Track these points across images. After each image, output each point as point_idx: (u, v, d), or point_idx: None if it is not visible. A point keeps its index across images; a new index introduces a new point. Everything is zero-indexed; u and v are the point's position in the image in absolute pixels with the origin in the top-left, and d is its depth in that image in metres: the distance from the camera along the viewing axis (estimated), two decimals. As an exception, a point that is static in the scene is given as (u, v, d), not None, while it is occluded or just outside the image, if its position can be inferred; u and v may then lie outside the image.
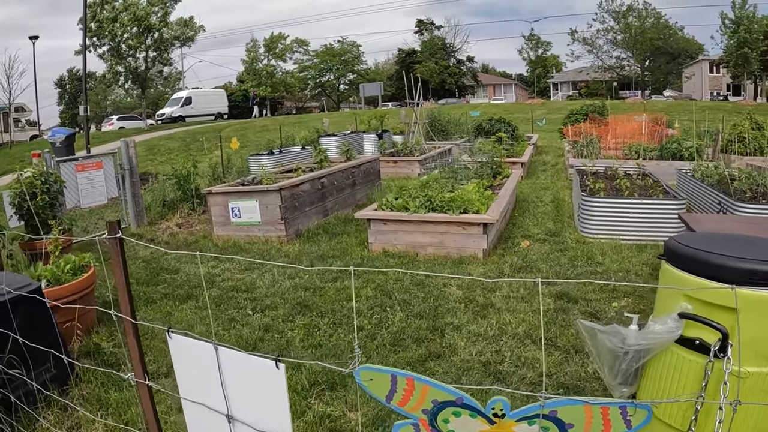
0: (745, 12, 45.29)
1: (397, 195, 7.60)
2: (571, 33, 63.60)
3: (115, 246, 2.32)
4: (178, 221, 9.98)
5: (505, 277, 6.27)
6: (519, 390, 3.66)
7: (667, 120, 18.10)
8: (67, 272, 5.14)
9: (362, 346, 4.53)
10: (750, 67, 46.34)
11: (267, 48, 63.60)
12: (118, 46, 38.81)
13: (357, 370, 1.85)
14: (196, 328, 4.96)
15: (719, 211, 8.26)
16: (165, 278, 6.67)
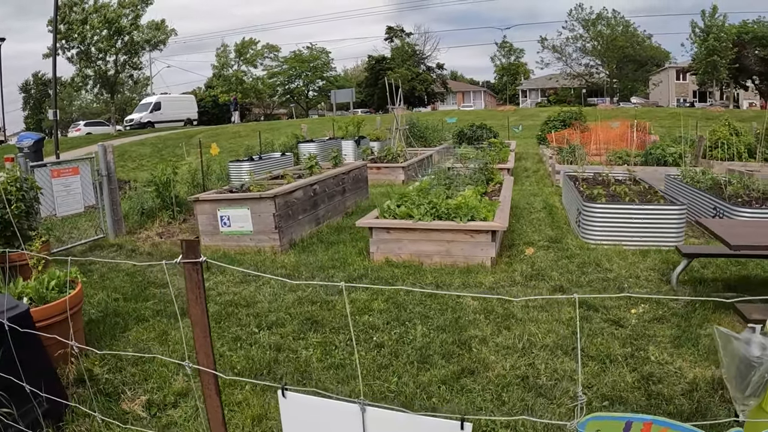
0: (714, 21, 46.27)
1: (399, 202, 7.25)
2: (541, 40, 64.36)
3: (194, 274, 1.88)
4: (158, 230, 9.48)
5: (518, 286, 6.04)
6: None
7: (650, 126, 18.13)
8: (53, 289, 4.60)
9: (388, 365, 4.18)
10: (719, 75, 47.29)
11: (238, 53, 62.94)
12: (87, 49, 37.69)
13: (583, 422, 1.55)
14: (198, 350, 4.53)
15: (715, 215, 8.25)
16: (154, 293, 6.17)
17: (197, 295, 1.88)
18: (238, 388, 3.86)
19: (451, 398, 3.70)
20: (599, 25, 59.08)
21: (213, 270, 6.87)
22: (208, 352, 1.96)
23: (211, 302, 5.71)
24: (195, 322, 1.98)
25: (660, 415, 3.36)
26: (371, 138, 20.04)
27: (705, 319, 4.86)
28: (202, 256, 1.84)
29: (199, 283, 1.87)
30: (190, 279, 1.89)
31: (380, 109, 64.12)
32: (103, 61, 39.08)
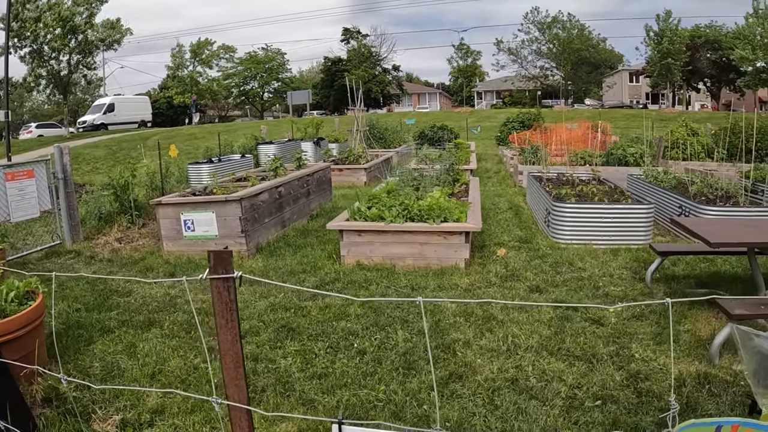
0: (668, 25, 47.45)
1: (369, 204, 7.09)
2: (497, 43, 65.04)
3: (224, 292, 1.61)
4: (117, 236, 9.10)
5: (495, 287, 6.00)
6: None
7: (611, 128, 18.39)
8: (12, 301, 4.25)
9: (372, 373, 4.03)
10: (672, 77, 48.55)
11: (193, 54, 61.79)
12: (40, 48, 36.30)
13: (679, 429, 1.58)
14: (169, 362, 4.27)
15: (680, 213, 8.35)
16: (117, 302, 5.83)
17: (228, 319, 1.62)
18: (216, 402, 3.65)
19: (442, 405, 3.58)
20: (555, 29, 60.07)
21: (178, 276, 6.62)
22: (241, 386, 1.72)
23: (179, 310, 5.47)
24: (225, 350, 1.72)
25: (651, 412, 3.40)
26: (330, 139, 19.86)
27: (682, 316, 4.92)
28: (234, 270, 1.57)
29: (231, 304, 1.62)
30: (220, 299, 1.63)
31: (336, 110, 63.90)
32: (56, 60, 37.68)
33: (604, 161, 14.32)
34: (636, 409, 3.47)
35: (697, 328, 4.68)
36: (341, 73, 65.60)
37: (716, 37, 51.13)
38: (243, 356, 1.70)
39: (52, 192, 8.54)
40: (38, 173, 8.32)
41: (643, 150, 14.67)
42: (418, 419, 3.43)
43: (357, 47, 67.18)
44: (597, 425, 3.31)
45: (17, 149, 24.52)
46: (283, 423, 3.38)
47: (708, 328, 4.66)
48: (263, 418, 3.39)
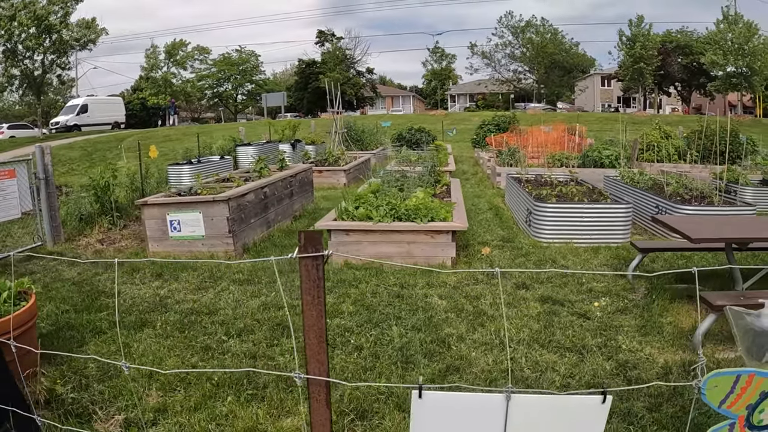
0: (640, 30, 48.27)
1: (356, 204, 7.15)
2: (470, 47, 65.47)
3: (313, 270, 1.68)
4: (98, 237, 9.02)
5: (482, 284, 6.08)
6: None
7: (586, 131, 18.68)
8: (5, 302, 4.19)
9: (371, 367, 4.11)
10: (644, 81, 49.40)
11: (168, 55, 61.08)
12: (14, 47, 35.52)
13: (707, 378, 1.78)
14: (166, 361, 4.28)
15: (657, 212, 8.59)
16: (106, 303, 5.77)
17: (315, 296, 1.70)
18: (220, 400, 3.67)
19: None
20: (528, 33, 60.72)
21: (166, 277, 6.61)
22: (322, 360, 1.80)
23: (170, 310, 5.45)
24: (309, 326, 1.80)
25: (641, 398, 3.56)
26: (307, 141, 19.90)
27: (664, 309, 5.16)
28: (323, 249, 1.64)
29: (318, 282, 1.70)
30: (308, 277, 1.71)
31: (309, 113, 63.68)
32: (30, 60, 36.89)
33: (580, 163, 14.58)
34: (627, 395, 3.61)
35: (679, 320, 4.91)
36: (315, 76, 65.45)
37: (687, 42, 52.24)
38: (326, 332, 1.78)
39: (33, 192, 8.42)
40: (19, 173, 8.17)
41: (618, 152, 14.95)
42: None
43: (332, 49, 67.03)
44: None
45: (-12, 150, 24.12)
46: (288, 418, 3.44)
47: (689, 320, 4.88)
48: (268, 413, 3.45)
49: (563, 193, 9.02)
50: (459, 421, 1.64)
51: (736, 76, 45.65)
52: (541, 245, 7.84)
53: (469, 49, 65.63)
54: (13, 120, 52.10)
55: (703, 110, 56.29)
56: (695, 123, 27.09)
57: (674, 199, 8.56)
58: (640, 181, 10.23)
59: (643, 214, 9.05)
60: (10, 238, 8.40)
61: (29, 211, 8.42)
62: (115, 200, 9.75)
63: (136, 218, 10.29)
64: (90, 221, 9.65)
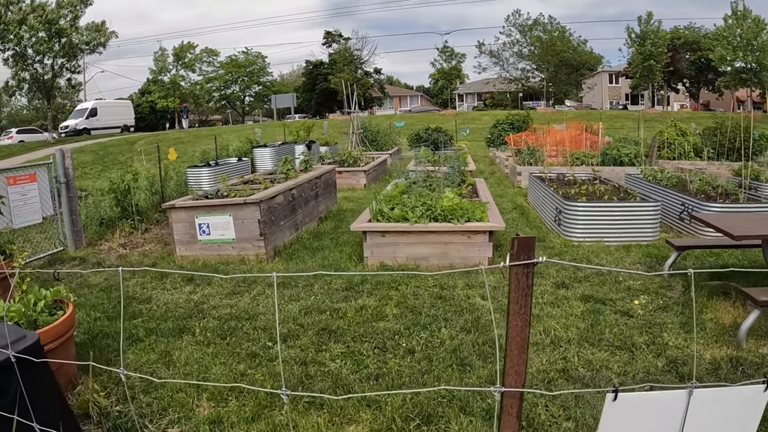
0: (650, 27, 48.04)
1: (391, 205, 7.05)
2: (478, 46, 65.32)
3: (523, 278, 1.59)
4: (120, 241, 8.93)
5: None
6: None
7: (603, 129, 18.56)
8: (42, 311, 4.04)
9: (428, 371, 4.01)
10: (654, 78, 49.21)
11: (176, 57, 61.05)
12: (24, 51, 35.45)
13: None
14: (212, 370, 4.15)
15: (683, 210, 8.49)
16: (139, 309, 5.64)
17: (522, 305, 1.61)
18: (276, 408, 3.56)
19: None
20: (536, 31, 60.55)
21: (197, 281, 6.50)
22: (521, 372, 1.72)
23: (207, 316, 5.34)
24: (513, 336, 1.71)
25: None
26: (321, 143, 19.82)
27: (704, 306, 5.13)
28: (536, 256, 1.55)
29: (527, 290, 1.62)
30: (518, 285, 1.62)
31: (317, 114, 63.64)
32: (40, 63, 36.81)
33: (599, 161, 14.45)
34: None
35: (719, 317, 4.89)
36: (323, 77, 65.40)
37: (695, 38, 52.03)
38: (528, 343, 1.68)
39: (54, 197, 8.31)
40: (40, 177, 8.05)
41: (637, 150, 14.85)
42: (485, 412, 3.44)
43: (341, 50, 66.87)
44: None
45: (0, 155, 24.08)
46: (351, 426, 3.33)
47: (729, 316, 4.89)
48: (330, 421, 3.34)
49: (589, 191, 8.94)
50: (642, 419, 1.72)
51: (746, 71, 45.39)
52: (572, 244, 7.79)
53: (477, 47, 65.46)
54: (21, 124, 52.17)
55: (711, 106, 56.16)
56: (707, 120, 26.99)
57: (700, 197, 8.45)
58: (663, 179, 10.12)
59: (669, 211, 8.93)
60: (29, 243, 8.16)
61: (50, 215, 8.28)
62: (136, 204, 9.66)
63: (156, 222, 10.21)
64: (111, 225, 9.57)
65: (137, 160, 22.84)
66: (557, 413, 3.43)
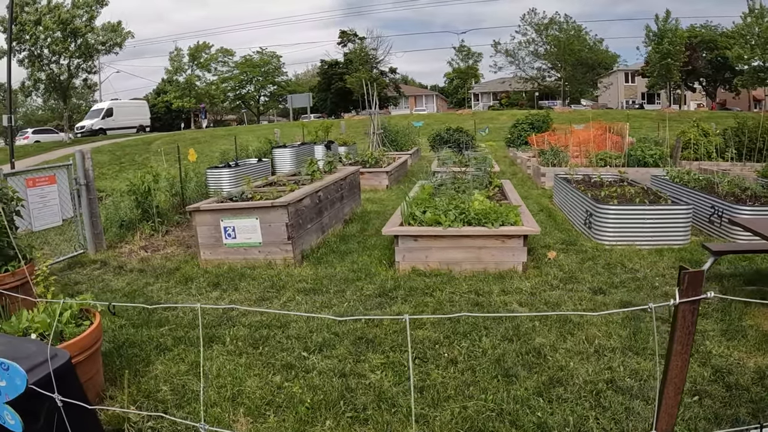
0: (667, 25, 47.62)
1: (423, 208, 6.88)
2: (494, 45, 64.99)
3: (688, 315, 1.42)
4: (141, 244, 8.81)
5: (558, 290, 5.86)
6: None
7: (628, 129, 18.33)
8: (68, 322, 3.87)
9: (472, 382, 3.86)
10: (672, 77, 48.81)
11: (192, 57, 61.17)
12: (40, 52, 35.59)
13: None
14: (246, 382, 3.98)
15: (713, 213, 8.32)
16: (165, 316, 5.47)
17: (684, 344, 1.45)
18: (318, 425, 3.39)
19: (552, 410, 3.50)
20: (552, 30, 60.21)
21: (224, 287, 6.37)
22: (673, 414, 1.55)
23: (237, 324, 5.15)
24: (671, 378, 1.55)
25: (744, 404, 3.50)
26: (339, 143, 19.69)
27: (743, 313, 4.99)
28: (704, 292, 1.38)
29: (691, 328, 1.44)
30: (683, 323, 1.47)
31: (333, 113, 63.55)
32: (56, 64, 36.92)
33: (623, 162, 14.24)
34: (730, 402, 3.53)
35: (759, 323, 4.77)
36: (338, 76, 65.29)
37: (711, 37, 51.53)
38: (684, 383, 1.51)
39: (74, 198, 8.19)
40: (60, 179, 7.92)
41: (661, 151, 14.62)
42: (536, 426, 3.33)
43: (358, 49, 66.67)
44: (701, 419, 3.33)
45: (16, 155, 24.08)
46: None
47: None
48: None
49: (619, 194, 8.76)
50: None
51: (764, 70, 44.84)
52: (604, 248, 7.60)
53: (492, 47, 65.17)
54: (36, 125, 52.37)
55: (727, 105, 55.62)
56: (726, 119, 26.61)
57: (729, 200, 8.25)
58: (690, 180, 9.91)
59: (698, 214, 8.72)
60: (48, 245, 8.00)
61: (70, 217, 8.15)
62: (156, 205, 9.55)
63: (177, 224, 10.10)
64: (131, 227, 9.46)
65: (155, 160, 22.89)
66: (609, 427, 3.32)
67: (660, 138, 17.56)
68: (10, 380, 1.61)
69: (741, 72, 48.22)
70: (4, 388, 1.64)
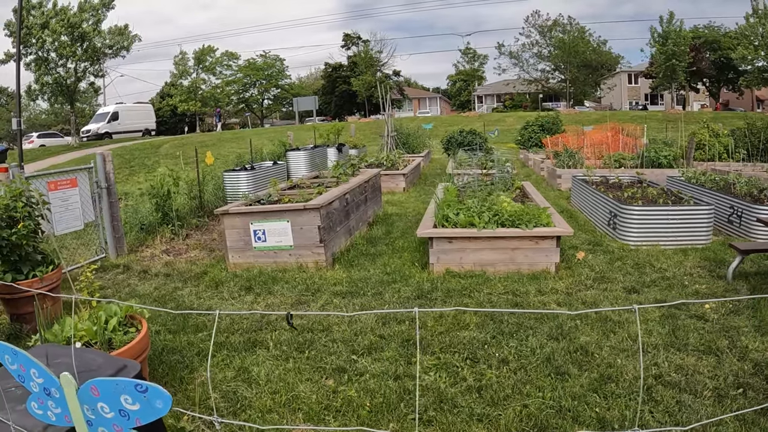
0: (672, 27, 47.63)
1: (456, 210, 6.93)
2: (498, 47, 65.02)
3: None
4: (162, 248, 8.82)
5: (592, 290, 5.96)
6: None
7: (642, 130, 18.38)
8: (116, 330, 3.82)
9: (527, 380, 3.93)
10: (677, 78, 48.82)
11: (197, 61, 61.22)
12: (47, 56, 35.61)
13: None
14: (298, 387, 3.98)
15: (732, 213, 8.43)
16: (201, 321, 5.43)
17: None
18: (382, 427, 3.42)
19: (608, 405, 3.59)
20: (555, 32, 60.28)
21: (257, 291, 6.37)
22: None
23: (278, 328, 5.15)
24: None
25: None
26: (349, 145, 19.73)
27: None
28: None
29: None
30: None
31: (337, 116, 63.56)
32: (63, 67, 36.93)
33: (637, 163, 14.28)
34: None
35: None
36: (343, 79, 65.29)
37: (715, 37, 51.60)
38: None
39: (95, 202, 8.12)
40: (81, 182, 7.86)
41: (674, 152, 14.68)
42: (596, 421, 3.42)
43: (363, 52, 66.62)
44: (749, 409, 3.43)
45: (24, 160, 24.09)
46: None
47: None
48: None
49: (641, 195, 8.86)
50: None
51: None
52: (629, 248, 7.69)
53: (496, 49, 65.15)
54: (40, 129, 52.31)
55: (730, 105, 55.64)
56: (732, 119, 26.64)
57: (747, 200, 8.33)
58: (707, 181, 9.98)
59: (718, 214, 8.76)
60: (66, 250, 7.93)
61: (91, 221, 8.06)
62: (176, 209, 9.55)
63: (196, 227, 10.12)
64: (151, 231, 9.45)
65: (165, 164, 22.89)
66: (663, 419, 3.42)
67: (669, 139, 17.62)
68: (146, 404, 1.56)
69: (745, 72, 48.24)
70: (135, 413, 1.60)
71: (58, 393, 1.62)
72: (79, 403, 1.59)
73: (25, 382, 1.70)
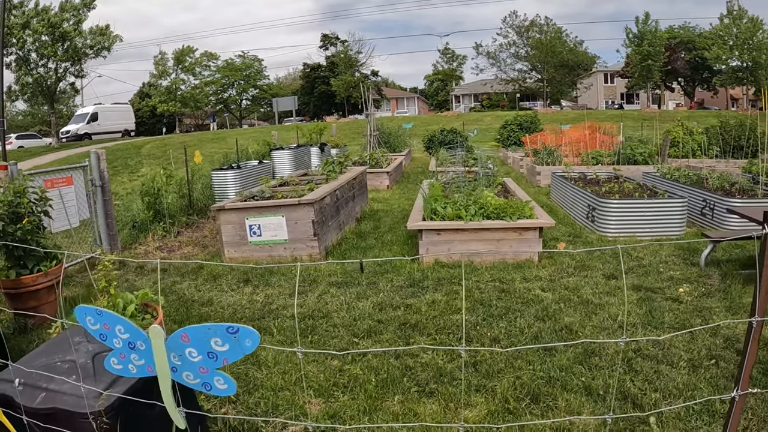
0: (647, 27, 48.50)
1: (443, 204, 7.27)
2: (476, 47, 65.63)
3: None
4: (155, 245, 9.00)
5: (574, 277, 6.29)
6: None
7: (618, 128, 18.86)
8: (134, 317, 3.99)
9: (518, 356, 4.26)
10: (652, 78, 49.72)
11: (176, 61, 60.91)
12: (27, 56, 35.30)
13: None
14: (307, 367, 4.24)
15: (705, 206, 8.76)
16: (204, 312, 5.69)
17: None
18: (388, 400, 3.74)
19: (593, 375, 3.95)
20: (533, 32, 61.01)
21: (255, 282, 6.62)
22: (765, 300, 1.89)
23: (280, 316, 5.43)
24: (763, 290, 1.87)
25: (755, 365, 3.77)
26: (331, 145, 19.96)
27: (743, 292, 5.52)
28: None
29: None
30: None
31: (316, 116, 63.69)
32: (44, 67, 36.62)
33: (614, 160, 14.73)
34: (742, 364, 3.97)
35: None
36: (321, 80, 65.43)
37: (690, 37, 52.70)
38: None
39: (90, 200, 8.30)
40: (76, 180, 8.03)
41: (650, 149, 15.15)
42: (581, 389, 3.77)
43: (343, 52, 66.81)
44: (721, 378, 3.83)
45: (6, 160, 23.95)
46: (467, 409, 3.51)
47: None
48: (446, 408, 3.52)
49: (618, 189, 9.28)
50: None
51: (742, 70, 45.96)
52: (607, 239, 8.11)
53: (474, 49, 65.81)
54: (17, 130, 51.56)
55: (705, 104, 56.75)
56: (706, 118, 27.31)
57: (719, 193, 8.76)
58: (681, 176, 10.41)
59: (691, 207, 9.18)
60: (58, 248, 8.03)
61: (86, 219, 8.24)
62: (167, 207, 9.75)
63: (186, 225, 10.30)
64: (143, 229, 9.62)
65: (147, 164, 22.98)
66: (643, 387, 3.76)
67: (645, 137, 18.13)
68: (235, 344, 1.76)
69: (719, 72, 49.28)
70: (223, 353, 1.82)
71: (144, 345, 1.88)
72: (166, 351, 1.85)
73: (107, 340, 1.94)
